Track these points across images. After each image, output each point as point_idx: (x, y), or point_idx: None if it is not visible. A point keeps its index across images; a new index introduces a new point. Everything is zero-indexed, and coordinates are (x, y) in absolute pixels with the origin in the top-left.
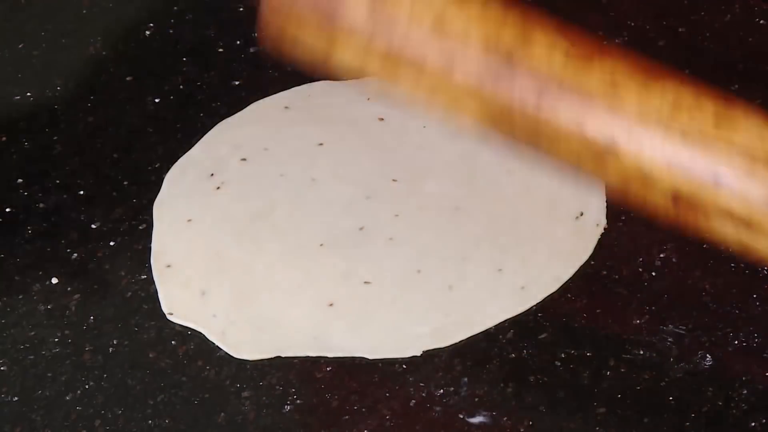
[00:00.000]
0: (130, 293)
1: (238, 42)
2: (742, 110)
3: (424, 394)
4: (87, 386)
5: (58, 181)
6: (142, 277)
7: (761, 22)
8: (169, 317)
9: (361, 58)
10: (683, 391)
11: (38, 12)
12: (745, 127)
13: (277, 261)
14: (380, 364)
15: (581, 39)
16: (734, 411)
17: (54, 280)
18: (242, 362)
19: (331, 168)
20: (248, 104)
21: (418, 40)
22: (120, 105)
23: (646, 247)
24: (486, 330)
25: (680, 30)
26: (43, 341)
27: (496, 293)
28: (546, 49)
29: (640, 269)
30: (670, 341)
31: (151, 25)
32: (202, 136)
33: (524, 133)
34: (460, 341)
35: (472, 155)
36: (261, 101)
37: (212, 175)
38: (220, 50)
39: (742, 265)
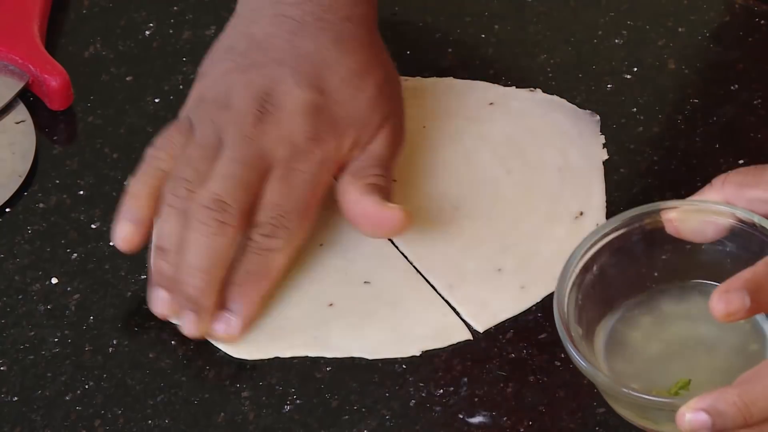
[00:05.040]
0: (130, 293)
1: None
2: None
3: (424, 394)
4: (87, 386)
5: (58, 181)
6: (142, 277)
7: (761, 22)
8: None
9: None
10: None
11: None
12: None
13: None
14: (380, 364)
15: None
16: None
17: (54, 280)
18: (242, 362)
19: None
20: None
21: None
22: (120, 105)
23: None
24: (486, 330)
25: (680, 30)
26: (43, 341)
27: (496, 293)
28: None
29: None
30: None
31: (151, 25)
32: None
33: None
34: (460, 341)
35: (472, 155)
36: None
37: None
38: None
39: None
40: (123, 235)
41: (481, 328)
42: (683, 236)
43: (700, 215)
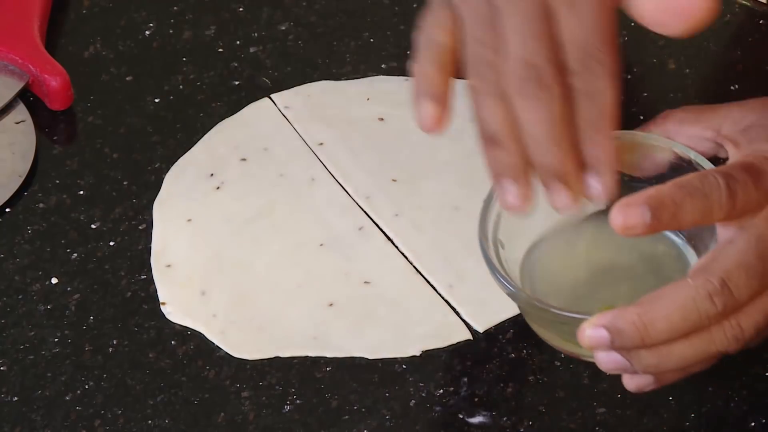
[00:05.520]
0: (130, 293)
1: (238, 42)
2: None
3: (424, 394)
4: (87, 386)
5: (58, 181)
6: (142, 277)
7: (761, 22)
8: (168, 317)
9: None
10: (683, 391)
11: None
12: None
13: (277, 261)
14: (380, 364)
15: None
16: (734, 411)
17: (54, 280)
18: (242, 362)
19: (331, 168)
20: (248, 104)
21: None
22: (120, 105)
23: None
24: (486, 330)
25: None
26: (43, 341)
27: (496, 293)
28: None
29: None
30: None
31: (151, 25)
32: (202, 136)
33: None
34: (460, 341)
35: (472, 155)
36: (260, 101)
37: (212, 175)
38: (220, 50)
39: None
40: (429, 113)
41: (481, 328)
42: (621, 169)
43: (638, 149)
